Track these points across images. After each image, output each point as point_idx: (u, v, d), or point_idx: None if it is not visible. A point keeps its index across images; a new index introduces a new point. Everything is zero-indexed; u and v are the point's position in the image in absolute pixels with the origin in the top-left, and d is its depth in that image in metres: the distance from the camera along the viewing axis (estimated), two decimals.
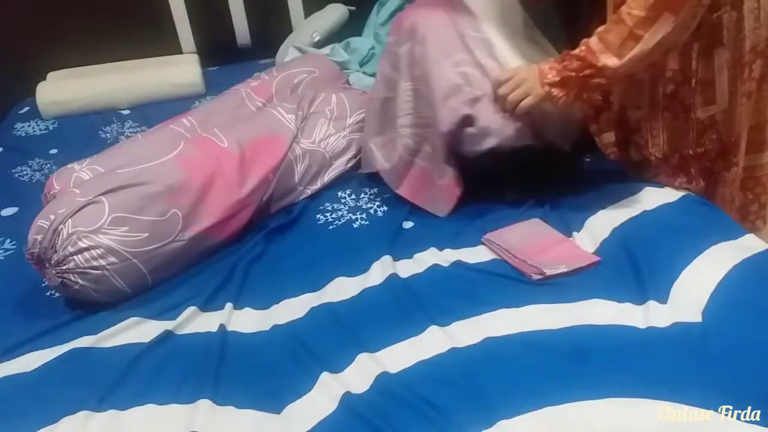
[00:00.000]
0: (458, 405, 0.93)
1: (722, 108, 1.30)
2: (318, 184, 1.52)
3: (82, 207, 1.19)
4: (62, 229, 1.16)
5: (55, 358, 1.09)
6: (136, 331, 1.14)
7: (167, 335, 1.12)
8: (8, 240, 1.42)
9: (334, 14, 2.23)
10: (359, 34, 2.17)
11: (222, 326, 1.13)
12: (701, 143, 1.33)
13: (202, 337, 1.12)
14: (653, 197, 1.35)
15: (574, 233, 1.30)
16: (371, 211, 1.45)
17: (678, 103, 1.32)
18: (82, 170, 1.37)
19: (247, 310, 1.19)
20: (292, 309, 1.18)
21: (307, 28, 2.20)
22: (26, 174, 1.71)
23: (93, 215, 1.18)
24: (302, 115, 1.51)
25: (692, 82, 1.29)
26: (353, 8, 2.24)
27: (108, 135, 1.88)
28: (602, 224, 1.30)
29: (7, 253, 1.39)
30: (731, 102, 1.30)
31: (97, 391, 1.01)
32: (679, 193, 1.35)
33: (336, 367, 1.02)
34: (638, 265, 1.17)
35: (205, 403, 0.97)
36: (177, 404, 0.98)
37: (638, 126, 1.38)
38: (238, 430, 0.94)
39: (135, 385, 1.02)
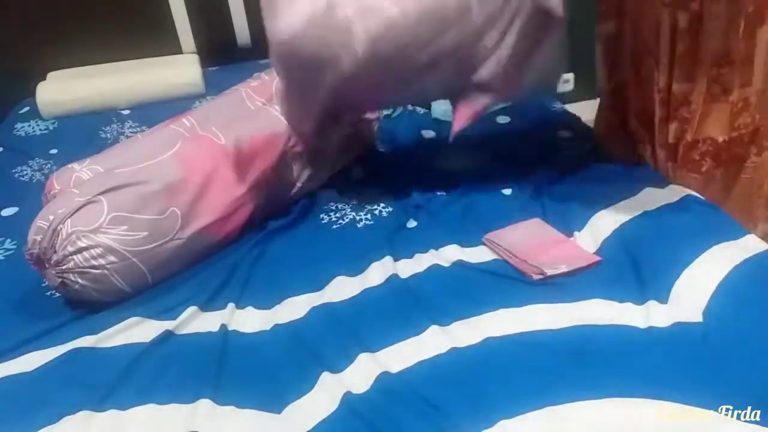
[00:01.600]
0: (459, 405, 0.93)
1: (757, 89, 1.28)
2: (317, 182, 1.52)
3: (81, 207, 1.19)
4: (61, 229, 1.16)
5: (55, 358, 1.09)
6: (137, 331, 1.14)
7: (168, 335, 1.12)
8: (8, 240, 1.42)
9: None
10: None
11: (223, 326, 1.13)
12: (735, 127, 1.31)
13: (202, 336, 1.12)
14: (654, 197, 1.35)
15: (575, 233, 1.30)
16: (375, 211, 1.44)
17: (718, 86, 1.29)
18: (83, 170, 1.36)
19: (249, 310, 1.19)
20: (293, 308, 1.17)
21: None
22: (26, 174, 1.71)
23: (92, 215, 1.18)
24: None
25: (734, 62, 1.26)
26: None
27: (108, 135, 1.88)
28: (603, 224, 1.30)
29: (8, 253, 1.39)
30: (766, 82, 1.27)
31: (97, 391, 1.01)
32: (680, 193, 1.35)
33: (336, 367, 1.02)
34: (639, 264, 1.17)
35: (205, 403, 0.97)
36: (177, 404, 0.98)
37: (685, 100, 1.35)
38: (239, 430, 0.94)
39: (135, 385, 1.02)
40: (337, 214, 1.44)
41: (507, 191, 1.47)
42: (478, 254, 1.27)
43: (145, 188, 1.24)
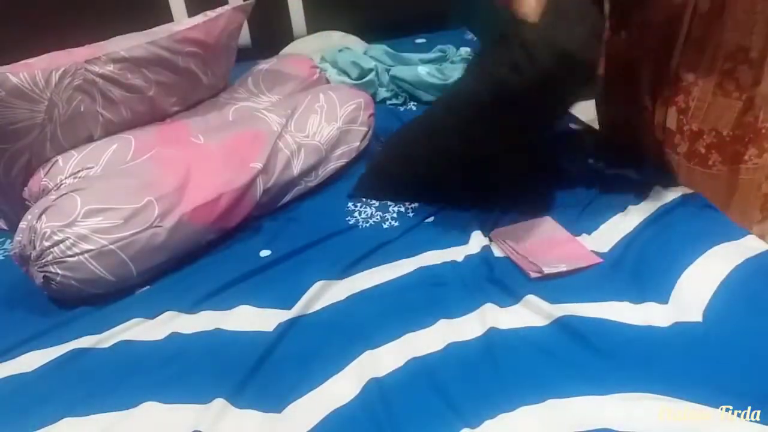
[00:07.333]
0: (460, 397, 0.94)
1: (764, 92, 1.26)
2: (316, 179, 1.52)
3: (54, 202, 1.20)
4: (37, 225, 1.18)
5: (55, 358, 1.09)
6: (138, 331, 1.14)
7: (169, 335, 1.12)
8: (8, 240, 1.43)
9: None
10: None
11: (224, 325, 1.13)
12: (738, 125, 1.30)
13: (204, 336, 1.12)
14: (655, 198, 1.35)
15: (582, 233, 1.30)
16: (394, 214, 1.43)
17: (733, 81, 1.28)
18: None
19: (252, 309, 1.18)
20: (299, 306, 1.16)
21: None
22: None
23: (65, 210, 1.19)
24: (289, 113, 1.52)
25: (752, 60, 1.24)
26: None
27: None
28: (607, 225, 1.30)
29: (8, 253, 1.39)
30: None
31: (98, 391, 1.01)
32: (680, 194, 1.35)
33: (339, 364, 1.02)
34: (640, 264, 1.17)
35: (208, 403, 0.97)
36: (179, 404, 0.98)
37: (688, 89, 1.34)
38: (241, 430, 0.94)
39: (137, 385, 1.02)
40: (355, 215, 1.44)
41: None
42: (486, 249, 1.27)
43: (121, 181, 1.25)
